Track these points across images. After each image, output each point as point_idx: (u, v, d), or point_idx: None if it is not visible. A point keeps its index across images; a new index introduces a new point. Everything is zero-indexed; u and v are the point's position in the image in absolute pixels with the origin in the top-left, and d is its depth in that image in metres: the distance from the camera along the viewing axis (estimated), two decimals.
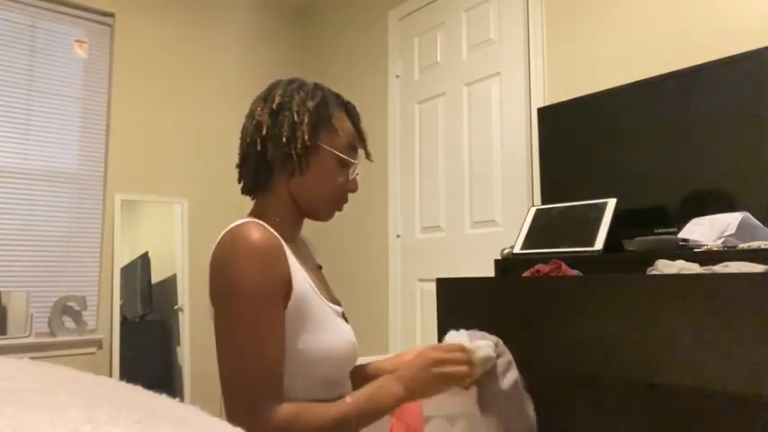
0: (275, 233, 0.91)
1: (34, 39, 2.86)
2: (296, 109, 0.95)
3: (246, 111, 1.02)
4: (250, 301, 0.83)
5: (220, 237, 0.91)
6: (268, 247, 0.86)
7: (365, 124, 1.08)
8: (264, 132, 0.95)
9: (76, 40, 2.99)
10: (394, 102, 3.06)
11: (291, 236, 1.02)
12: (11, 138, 2.74)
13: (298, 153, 0.94)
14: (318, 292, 0.96)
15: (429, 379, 0.88)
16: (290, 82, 1.01)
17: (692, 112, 1.69)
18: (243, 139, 1.00)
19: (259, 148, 0.95)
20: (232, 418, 0.82)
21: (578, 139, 1.97)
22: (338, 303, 1.04)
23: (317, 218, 1.03)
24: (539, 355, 1.27)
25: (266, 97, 0.98)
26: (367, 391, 0.89)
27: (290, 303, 0.88)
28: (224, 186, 3.38)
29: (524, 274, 1.48)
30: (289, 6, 3.87)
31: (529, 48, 2.38)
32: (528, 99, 2.37)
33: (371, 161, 1.07)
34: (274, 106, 0.95)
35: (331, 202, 1.02)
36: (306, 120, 0.95)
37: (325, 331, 0.92)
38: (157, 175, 3.15)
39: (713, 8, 1.83)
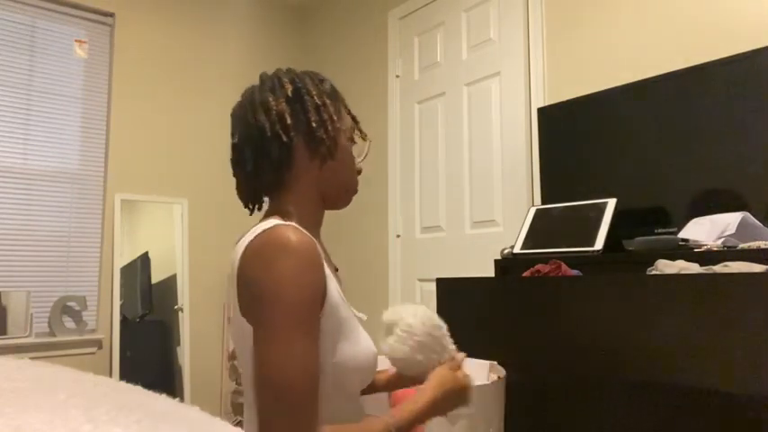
0: (310, 235, 0.83)
1: (34, 39, 2.86)
2: (314, 93, 0.92)
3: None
4: (293, 312, 0.76)
5: (249, 240, 0.82)
6: (308, 251, 0.78)
7: (365, 124, 1.09)
8: (289, 121, 0.89)
9: (76, 40, 2.99)
10: (394, 102, 3.06)
11: (317, 235, 0.97)
12: (11, 138, 2.74)
13: (330, 136, 0.91)
14: (344, 299, 0.90)
15: (454, 397, 0.94)
16: (285, 71, 0.96)
17: (692, 112, 1.69)
18: (260, 137, 0.89)
19: (285, 139, 0.88)
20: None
21: (578, 139, 1.97)
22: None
23: (336, 206, 0.99)
24: (539, 355, 1.27)
25: (273, 88, 0.92)
26: (406, 408, 0.88)
27: (324, 311, 0.82)
28: (224, 186, 3.38)
29: (524, 274, 1.48)
30: (289, 6, 3.87)
31: (529, 48, 2.38)
32: (528, 99, 2.37)
33: (370, 141, 1.04)
34: (289, 93, 0.90)
35: (352, 187, 0.99)
36: (327, 102, 0.93)
37: (356, 342, 0.88)
38: (157, 175, 3.15)
39: (713, 8, 1.83)
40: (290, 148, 0.89)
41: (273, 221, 0.84)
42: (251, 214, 0.99)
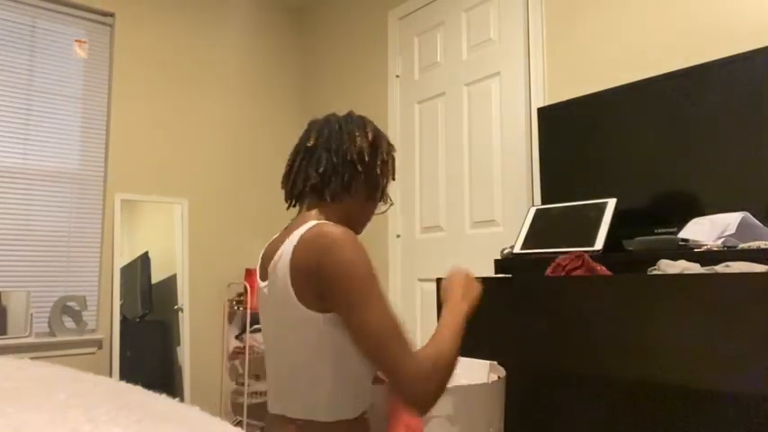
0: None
1: (34, 39, 2.86)
2: (385, 149, 1.15)
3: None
4: (369, 281, 0.94)
5: (300, 237, 0.97)
6: (355, 237, 0.98)
7: None
8: (367, 159, 1.11)
9: (76, 40, 2.99)
10: (394, 102, 3.06)
11: None
12: (11, 138, 2.74)
13: (381, 185, 1.14)
14: None
15: (470, 290, 1.11)
16: (368, 119, 1.16)
17: (692, 112, 1.69)
18: (338, 153, 1.09)
19: (359, 169, 1.09)
20: (397, 378, 0.93)
21: (578, 139, 1.97)
22: None
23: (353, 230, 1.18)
24: (539, 355, 1.27)
25: (359, 126, 1.12)
26: (445, 321, 1.04)
27: None
28: (224, 186, 3.38)
29: (548, 271, 1.47)
30: (288, 6, 3.87)
31: (529, 48, 2.38)
32: (528, 99, 2.37)
33: (390, 204, 1.23)
34: (370, 138, 1.12)
35: (366, 224, 1.20)
36: (389, 160, 1.16)
37: None
38: (157, 175, 3.15)
39: (713, 8, 1.83)
40: (355, 177, 1.09)
41: (316, 221, 1.00)
42: (288, 208, 1.17)
